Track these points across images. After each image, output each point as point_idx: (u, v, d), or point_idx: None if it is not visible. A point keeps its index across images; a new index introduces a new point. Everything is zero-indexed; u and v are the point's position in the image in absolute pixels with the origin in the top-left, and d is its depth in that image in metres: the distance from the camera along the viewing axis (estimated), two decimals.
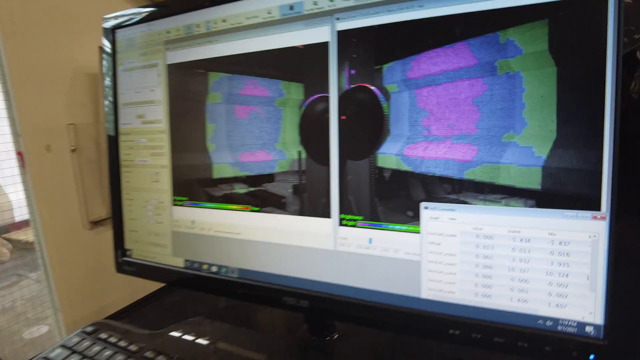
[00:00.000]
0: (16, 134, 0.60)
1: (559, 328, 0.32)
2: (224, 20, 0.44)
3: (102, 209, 0.70)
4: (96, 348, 0.43)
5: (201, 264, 0.49)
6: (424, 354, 0.47)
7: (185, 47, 0.47)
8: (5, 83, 0.58)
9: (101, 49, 0.66)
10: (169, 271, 0.51)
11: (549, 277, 0.32)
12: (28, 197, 0.62)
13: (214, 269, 0.48)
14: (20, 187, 0.62)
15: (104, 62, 0.54)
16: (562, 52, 0.30)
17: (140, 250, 0.53)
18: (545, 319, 0.33)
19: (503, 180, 0.33)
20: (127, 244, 0.54)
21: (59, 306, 0.65)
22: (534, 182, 0.32)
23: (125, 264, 0.54)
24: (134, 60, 0.52)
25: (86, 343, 0.44)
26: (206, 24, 0.46)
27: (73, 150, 0.66)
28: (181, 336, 0.44)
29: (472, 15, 0.33)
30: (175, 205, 0.50)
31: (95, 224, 0.69)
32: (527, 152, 0.32)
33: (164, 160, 0.50)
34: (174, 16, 0.48)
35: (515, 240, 0.33)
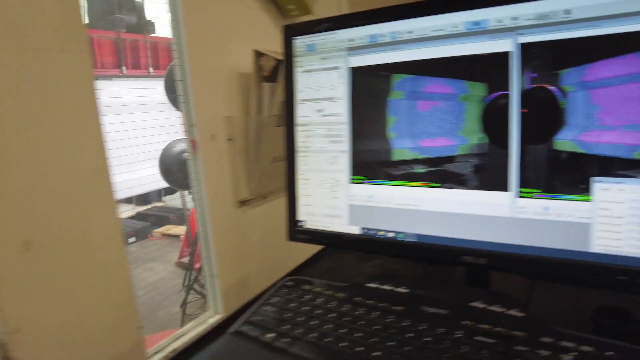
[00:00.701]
0: (190, 125, 0.71)
1: None
2: (409, 32, 0.55)
3: (246, 191, 0.80)
4: (308, 296, 0.54)
5: (377, 230, 0.59)
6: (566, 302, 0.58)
7: (369, 53, 0.58)
8: (185, 82, 0.69)
9: (256, 52, 0.76)
10: (344, 237, 0.61)
11: None
12: (196, 179, 0.73)
13: (390, 235, 0.58)
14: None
15: (284, 65, 0.64)
16: None
17: (314, 221, 0.64)
18: None
19: None
20: (301, 216, 0.65)
21: (216, 273, 0.76)
22: None
23: (299, 233, 0.65)
24: (314, 63, 0.62)
25: (296, 293, 0.55)
26: (391, 34, 0.56)
27: (229, 140, 0.77)
28: (379, 286, 0.54)
29: None
30: (354, 183, 0.60)
31: (242, 203, 0.80)
32: None
33: (343, 146, 0.61)
34: (358, 27, 0.58)
35: None
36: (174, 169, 2.95)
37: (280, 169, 0.75)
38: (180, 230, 4.93)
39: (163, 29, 4.78)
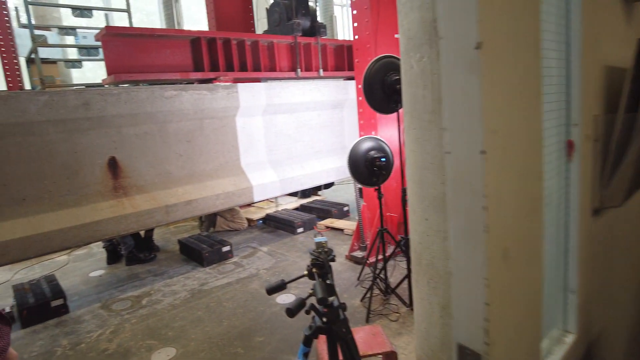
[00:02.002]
0: (572, 124, 0.65)
1: None
2: None
3: (601, 198, 0.72)
4: None
5: None
6: None
7: None
8: (570, 78, 0.63)
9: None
10: None
11: None
12: (567, 184, 0.67)
13: None
14: None
15: None
16: None
17: None
18: None
19: None
20: None
21: (575, 288, 0.69)
22: None
23: None
24: None
25: None
26: None
27: (595, 141, 0.69)
28: None
29: None
30: None
31: (596, 211, 0.72)
32: None
33: None
34: None
35: None
36: (360, 165, 3.03)
37: None
38: (343, 224, 5.13)
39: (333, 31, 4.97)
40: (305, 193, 6.50)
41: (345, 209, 5.68)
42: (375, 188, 3.08)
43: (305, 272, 1.50)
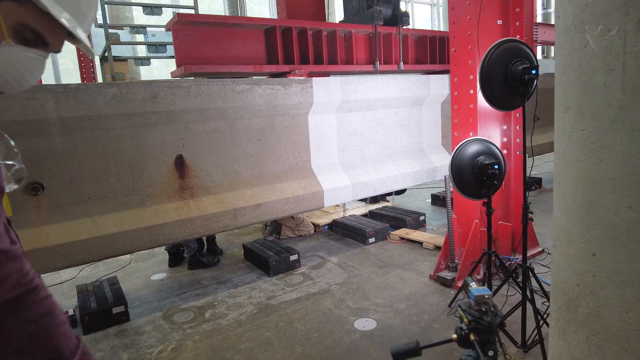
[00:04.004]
0: None
1: None
2: None
3: None
4: None
5: None
6: None
7: None
8: None
9: None
10: None
11: None
12: None
13: None
14: None
15: None
16: None
17: None
18: None
19: None
20: None
21: None
22: None
23: None
24: None
25: None
26: None
27: None
28: None
29: None
30: None
31: None
32: None
33: None
34: None
35: None
36: (467, 173, 2.50)
37: None
38: (420, 236, 4.58)
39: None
40: (374, 198, 6.01)
41: (422, 218, 5.12)
42: (483, 201, 2.53)
43: (454, 336, 1.02)
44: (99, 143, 2.97)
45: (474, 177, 2.49)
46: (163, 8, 6.05)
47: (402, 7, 11.35)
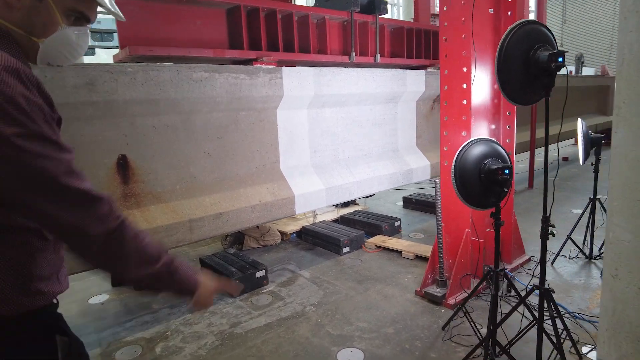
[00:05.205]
0: None
1: None
2: None
3: None
4: None
5: None
6: None
7: None
8: None
9: None
10: None
11: None
12: None
13: None
14: None
15: None
16: None
17: None
18: None
19: None
20: None
21: None
22: None
23: None
24: None
25: None
26: None
27: None
28: None
29: None
30: None
31: None
32: None
33: None
34: None
35: None
36: (472, 180, 2.12)
37: None
38: (398, 244, 4.21)
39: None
40: (345, 202, 5.60)
41: (397, 224, 4.76)
42: (491, 211, 2.16)
43: None
44: None
45: (481, 183, 2.11)
46: None
47: None
